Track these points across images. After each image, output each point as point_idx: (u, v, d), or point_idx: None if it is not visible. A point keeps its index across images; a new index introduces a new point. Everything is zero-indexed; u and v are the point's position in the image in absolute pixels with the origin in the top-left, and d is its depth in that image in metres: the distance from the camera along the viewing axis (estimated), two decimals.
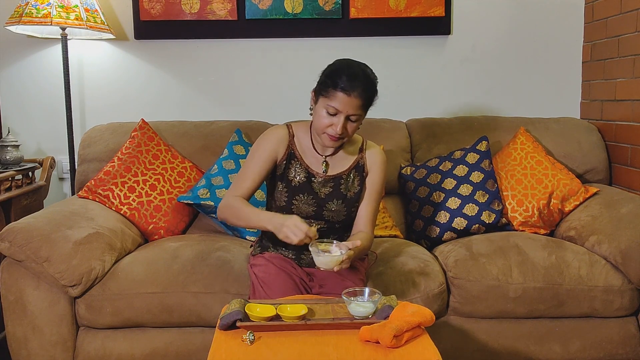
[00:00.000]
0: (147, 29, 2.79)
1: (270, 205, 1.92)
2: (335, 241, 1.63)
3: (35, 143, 2.86)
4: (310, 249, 1.59)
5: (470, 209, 2.32)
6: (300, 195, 1.81)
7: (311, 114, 1.81)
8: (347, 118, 1.70)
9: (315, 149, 1.86)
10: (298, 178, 1.83)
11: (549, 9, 2.89)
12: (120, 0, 2.80)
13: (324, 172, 1.85)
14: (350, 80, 1.66)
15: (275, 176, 1.86)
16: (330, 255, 1.57)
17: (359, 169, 1.87)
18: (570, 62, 2.92)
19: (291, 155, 1.84)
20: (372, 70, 1.75)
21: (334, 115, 1.70)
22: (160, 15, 2.76)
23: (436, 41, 2.89)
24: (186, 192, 2.39)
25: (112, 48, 2.83)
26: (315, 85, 1.78)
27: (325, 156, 1.86)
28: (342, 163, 1.87)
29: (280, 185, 1.84)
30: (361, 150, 1.89)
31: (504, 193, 2.41)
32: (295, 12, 2.78)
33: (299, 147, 1.85)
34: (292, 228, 1.58)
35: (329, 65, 1.76)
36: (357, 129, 1.78)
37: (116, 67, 2.85)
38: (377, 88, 1.74)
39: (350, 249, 1.59)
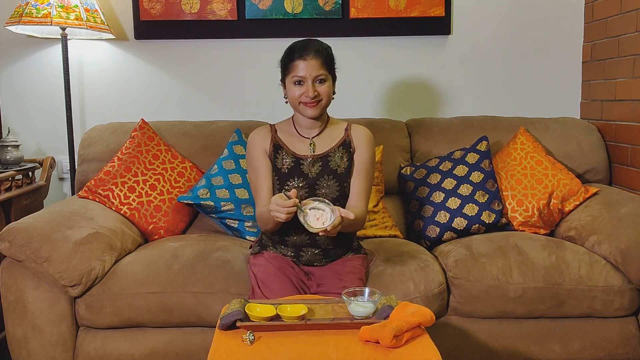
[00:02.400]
0: (147, 29, 2.79)
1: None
2: (326, 200, 1.66)
3: (35, 143, 2.86)
4: (299, 216, 1.62)
5: (470, 209, 2.32)
6: (291, 180, 1.87)
7: (287, 102, 1.91)
8: (315, 81, 1.81)
9: (300, 134, 1.93)
10: (286, 164, 1.89)
11: (549, 9, 2.88)
12: (120, 0, 2.80)
13: (311, 151, 1.91)
14: (302, 48, 1.83)
15: None
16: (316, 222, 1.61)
17: (346, 145, 1.93)
18: (570, 62, 2.92)
19: (277, 146, 1.92)
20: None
21: (302, 84, 1.82)
22: (160, 15, 2.76)
23: (436, 41, 2.89)
24: (186, 192, 2.39)
25: (112, 48, 2.83)
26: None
27: (312, 137, 1.93)
28: (328, 142, 1.94)
29: (274, 177, 1.90)
30: (346, 129, 1.97)
31: (504, 193, 2.40)
32: (295, 12, 2.78)
33: (283, 138, 1.94)
34: (274, 210, 1.63)
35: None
36: (332, 94, 1.88)
37: (116, 67, 2.84)
38: (332, 54, 1.89)
39: (342, 216, 1.61)
